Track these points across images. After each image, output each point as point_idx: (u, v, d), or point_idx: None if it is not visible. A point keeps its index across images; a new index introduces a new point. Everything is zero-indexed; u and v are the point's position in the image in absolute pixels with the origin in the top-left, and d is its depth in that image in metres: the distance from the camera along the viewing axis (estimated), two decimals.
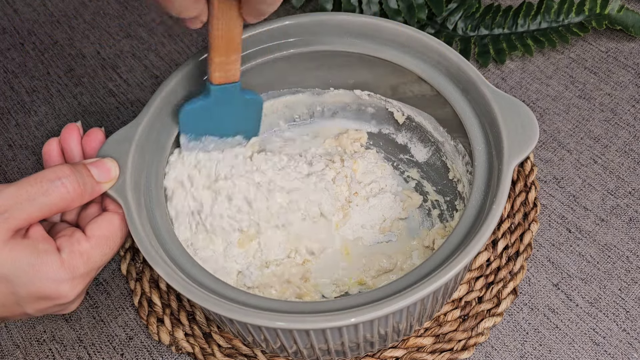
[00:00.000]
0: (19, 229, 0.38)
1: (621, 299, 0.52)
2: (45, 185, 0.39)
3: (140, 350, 0.52)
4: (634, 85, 0.63)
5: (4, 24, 0.75)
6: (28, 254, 0.38)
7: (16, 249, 0.38)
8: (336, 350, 0.44)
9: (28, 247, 0.38)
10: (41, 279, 0.38)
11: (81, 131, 0.46)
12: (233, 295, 0.41)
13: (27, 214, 0.38)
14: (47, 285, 0.38)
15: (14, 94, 0.69)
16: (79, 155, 0.45)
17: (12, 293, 0.38)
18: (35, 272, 0.38)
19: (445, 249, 0.41)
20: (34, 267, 0.38)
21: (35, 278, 0.38)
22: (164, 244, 0.43)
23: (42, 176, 0.39)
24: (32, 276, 0.38)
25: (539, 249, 0.55)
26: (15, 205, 0.38)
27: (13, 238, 0.38)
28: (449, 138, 0.53)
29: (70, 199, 0.40)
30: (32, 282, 0.38)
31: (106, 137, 0.46)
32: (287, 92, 0.57)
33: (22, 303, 0.39)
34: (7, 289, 0.38)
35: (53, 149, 0.45)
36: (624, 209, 0.56)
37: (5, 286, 0.38)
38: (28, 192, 0.38)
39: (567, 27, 0.65)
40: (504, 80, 0.65)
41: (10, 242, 0.38)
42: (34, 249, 0.38)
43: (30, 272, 0.38)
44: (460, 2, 0.68)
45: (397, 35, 0.50)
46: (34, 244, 0.38)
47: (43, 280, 0.38)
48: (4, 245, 0.37)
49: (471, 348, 0.50)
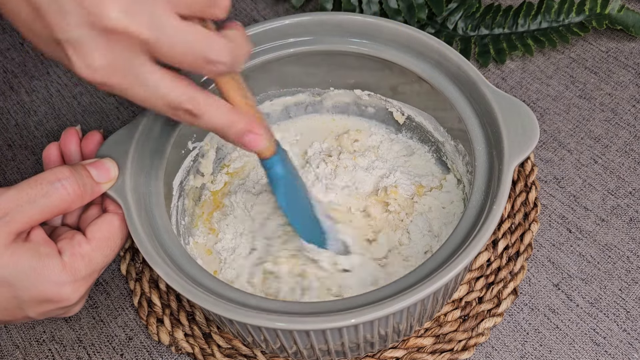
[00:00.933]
0: (20, 233, 0.38)
1: (622, 299, 0.52)
2: (45, 187, 0.39)
3: (140, 351, 0.52)
4: (634, 85, 0.63)
5: (4, 24, 0.75)
6: (30, 257, 0.38)
7: (18, 252, 0.37)
8: (336, 351, 0.44)
9: (29, 250, 0.38)
10: (43, 282, 0.38)
11: (80, 134, 0.46)
12: (233, 296, 0.41)
13: (28, 217, 0.38)
14: (49, 289, 0.38)
15: (13, 94, 0.69)
16: (78, 159, 0.45)
17: (14, 297, 0.38)
18: (38, 275, 0.38)
19: (445, 249, 0.41)
20: (36, 271, 0.38)
21: (38, 281, 0.38)
22: (163, 244, 0.43)
23: (42, 178, 0.39)
24: (34, 280, 0.38)
25: (539, 249, 0.55)
26: (15, 208, 0.38)
27: (14, 242, 0.38)
28: (449, 138, 0.52)
29: (71, 200, 0.40)
30: (34, 286, 0.38)
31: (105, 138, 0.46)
32: (287, 92, 0.57)
33: (24, 307, 0.39)
34: (9, 293, 0.38)
35: (53, 154, 0.45)
36: (625, 209, 0.56)
37: (8, 290, 0.38)
38: (28, 195, 0.38)
39: (568, 27, 0.65)
40: (504, 80, 0.65)
41: (12, 246, 0.37)
42: (36, 253, 0.38)
43: (32, 276, 0.38)
44: (461, 2, 0.68)
45: (397, 35, 0.50)
46: (35, 247, 0.38)
47: (45, 284, 0.38)
48: (5, 249, 0.37)
49: (471, 348, 0.50)
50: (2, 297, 0.38)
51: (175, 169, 0.51)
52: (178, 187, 0.51)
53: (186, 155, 0.52)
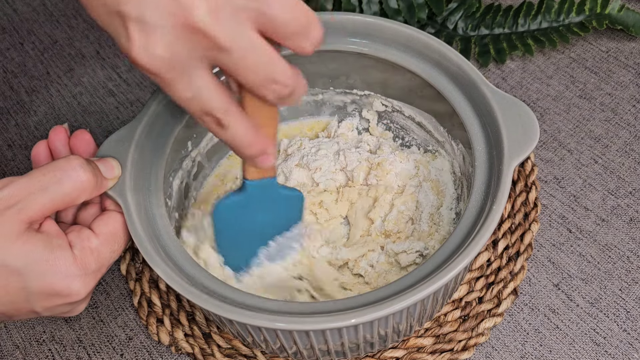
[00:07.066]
0: (32, 222, 0.38)
1: (622, 299, 0.52)
2: (59, 175, 0.38)
3: (140, 351, 0.52)
4: (634, 85, 0.63)
5: (4, 24, 0.75)
6: (42, 248, 0.37)
7: (30, 242, 0.37)
8: (336, 351, 0.44)
9: (42, 241, 0.38)
10: (54, 274, 0.37)
11: (68, 132, 0.45)
12: (233, 296, 0.41)
13: (40, 205, 0.37)
14: (59, 281, 0.38)
15: (13, 94, 0.69)
16: None
17: (23, 288, 0.37)
18: (49, 267, 0.37)
19: (445, 249, 0.41)
20: (48, 262, 0.37)
21: (49, 273, 0.37)
22: (163, 244, 0.43)
23: (54, 166, 0.39)
24: (45, 271, 0.37)
25: (539, 249, 0.55)
26: (27, 196, 0.37)
27: (27, 231, 0.37)
28: (449, 138, 0.52)
29: (83, 188, 0.39)
30: (45, 277, 0.37)
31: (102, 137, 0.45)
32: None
33: (31, 300, 0.38)
34: (18, 284, 0.37)
35: (41, 152, 0.44)
36: (625, 209, 0.56)
37: (17, 280, 0.37)
38: (40, 182, 0.38)
39: (568, 27, 0.65)
40: (505, 80, 0.65)
41: (24, 235, 0.37)
42: (49, 244, 0.38)
43: (44, 267, 0.37)
44: (461, 2, 0.68)
45: (397, 35, 0.50)
46: (48, 238, 0.38)
47: (56, 276, 0.38)
48: (17, 238, 0.37)
49: (471, 348, 0.50)
50: (11, 287, 0.37)
51: (176, 169, 0.51)
52: (178, 187, 0.51)
53: (186, 155, 0.52)
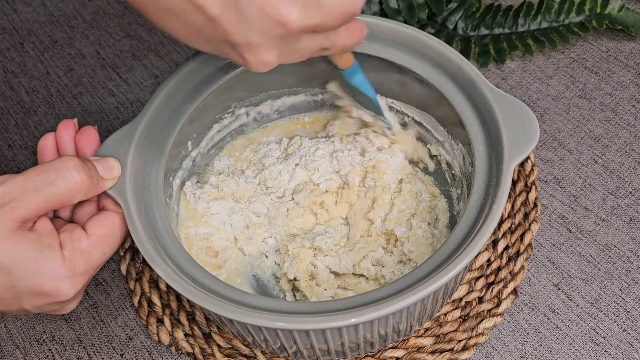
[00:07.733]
0: (25, 220, 0.38)
1: (622, 299, 0.52)
2: (52, 175, 0.38)
3: (140, 351, 0.52)
4: (634, 85, 0.63)
5: (4, 24, 0.75)
6: (32, 247, 0.37)
7: (22, 240, 0.37)
8: (336, 351, 0.44)
9: (33, 240, 0.38)
10: (42, 274, 0.38)
11: (77, 128, 0.45)
12: (233, 296, 0.41)
13: (33, 204, 0.38)
14: (46, 282, 0.38)
15: (13, 93, 0.69)
16: (72, 153, 0.45)
17: (11, 286, 0.38)
18: (38, 266, 0.37)
19: (445, 249, 0.41)
20: (37, 262, 0.37)
21: (37, 272, 0.38)
22: (163, 244, 0.43)
23: (50, 166, 0.39)
24: (34, 270, 0.37)
25: (539, 249, 0.55)
26: (21, 195, 0.37)
27: (20, 229, 0.37)
28: (449, 138, 0.52)
29: (77, 189, 0.39)
30: (33, 277, 0.38)
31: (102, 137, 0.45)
32: (287, 92, 0.57)
33: (20, 298, 0.38)
34: (6, 282, 0.37)
35: (49, 144, 0.44)
36: (625, 209, 0.56)
37: (6, 278, 0.37)
38: (35, 182, 0.38)
39: (568, 27, 0.65)
40: (505, 80, 0.65)
41: (16, 233, 0.37)
42: (39, 243, 0.38)
43: (32, 266, 0.37)
44: (461, 2, 0.68)
45: (397, 35, 0.50)
46: (39, 238, 0.38)
47: (44, 276, 0.38)
48: (9, 236, 0.37)
49: (471, 348, 0.50)
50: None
51: (176, 169, 0.51)
52: (178, 187, 0.51)
53: (186, 155, 0.52)
